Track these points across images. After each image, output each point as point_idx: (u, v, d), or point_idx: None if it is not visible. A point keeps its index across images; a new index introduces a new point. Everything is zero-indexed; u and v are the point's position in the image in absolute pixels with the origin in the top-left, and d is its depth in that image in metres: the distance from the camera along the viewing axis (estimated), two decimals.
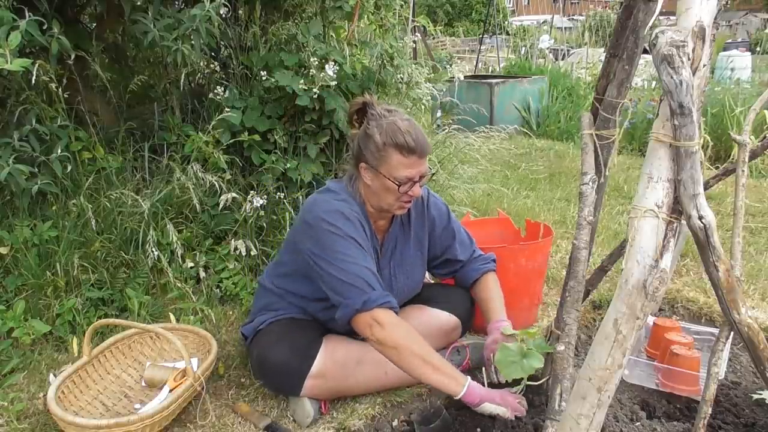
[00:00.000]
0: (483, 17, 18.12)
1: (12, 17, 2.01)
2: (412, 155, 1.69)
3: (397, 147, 1.69)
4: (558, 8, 21.14)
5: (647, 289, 1.07)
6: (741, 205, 1.28)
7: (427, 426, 1.60)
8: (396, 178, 1.71)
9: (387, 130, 1.70)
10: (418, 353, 1.62)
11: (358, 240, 1.72)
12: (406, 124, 1.71)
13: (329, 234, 1.70)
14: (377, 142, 1.70)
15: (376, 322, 1.63)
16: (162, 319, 2.30)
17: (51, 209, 2.38)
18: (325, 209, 1.75)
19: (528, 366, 1.55)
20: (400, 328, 1.65)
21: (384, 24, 3.48)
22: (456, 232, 2.03)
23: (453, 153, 3.67)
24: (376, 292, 1.65)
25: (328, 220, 1.72)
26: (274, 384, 1.88)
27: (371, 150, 1.72)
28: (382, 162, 1.71)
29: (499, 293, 1.99)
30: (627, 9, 1.41)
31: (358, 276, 1.66)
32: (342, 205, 1.77)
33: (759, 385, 1.86)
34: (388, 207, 1.79)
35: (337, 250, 1.69)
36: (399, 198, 1.76)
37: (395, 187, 1.72)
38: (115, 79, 3.02)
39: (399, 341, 1.62)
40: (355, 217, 1.76)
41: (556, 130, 6.50)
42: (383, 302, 1.64)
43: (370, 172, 1.76)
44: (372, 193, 1.79)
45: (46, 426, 1.76)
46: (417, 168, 1.72)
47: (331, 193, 1.83)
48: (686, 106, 1.03)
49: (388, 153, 1.70)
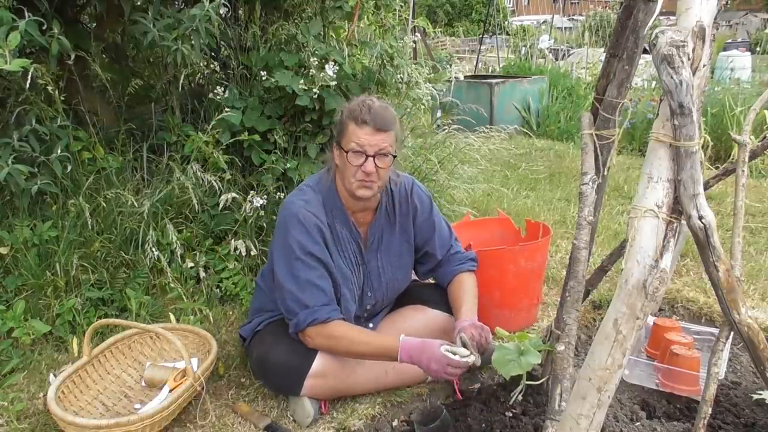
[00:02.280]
0: (483, 17, 18.12)
1: (12, 17, 2.01)
2: (365, 125, 1.73)
3: (353, 118, 1.74)
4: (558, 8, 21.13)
5: (647, 289, 1.07)
6: (741, 205, 1.28)
7: (426, 426, 1.60)
8: (350, 149, 1.74)
9: (349, 106, 1.78)
10: (346, 352, 1.77)
11: (306, 247, 1.76)
12: (369, 101, 1.76)
13: (280, 247, 1.80)
14: (342, 117, 1.79)
15: (307, 336, 1.77)
16: (162, 319, 2.30)
17: (51, 209, 2.38)
18: (285, 213, 1.82)
19: (525, 362, 1.55)
20: (321, 335, 1.75)
21: (384, 24, 3.47)
22: (436, 225, 2.03)
23: (453, 153, 3.67)
24: (305, 311, 1.74)
25: (283, 230, 1.80)
26: (274, 384, 1.88)
27: (337, 127, 1.80)
28: (342, 135, 1.78)
29: (472, 291, 1.98)
30: (627, 9, 1.41)
31: (294, 295, 1.76)
32: (300, 205, 1.80)
33: (759, 385, 1.86)
34: (349, 186, 1.79)
35: (286, 263, 1.78)
36: (354, 173, 1.75)
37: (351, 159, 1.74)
38: (115, 79, 3.01)
39: (325, 346, 1.77)
40: (310, 217, 1.78)
41: (556, 130, 6.49)
42: (310, 321, 1.73)
43: (336, 151, 1.81)
44: (339, 173, 1.83)
45: (46, 426, 1.76)
46: (370, 139, 1.72)
47: (298, 192, 1.88)
48: (686, 106, 1.03)
49: (345, 125, 1.76)
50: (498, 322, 2.23)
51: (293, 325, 1.76)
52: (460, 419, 1.70)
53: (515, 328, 2.32)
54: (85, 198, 2.37)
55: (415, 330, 1.85)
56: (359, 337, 1.77)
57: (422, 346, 1.69)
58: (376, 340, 1.79)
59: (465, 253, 2.07)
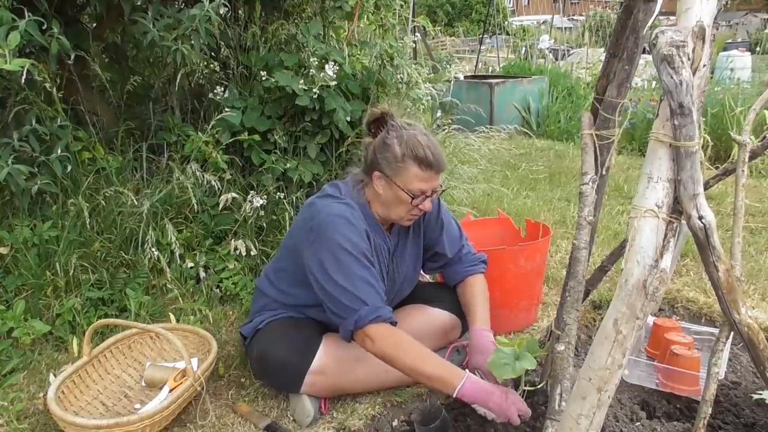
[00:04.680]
0: (483, 17, 18.11)
1: (12, 17, 2.01)
2: (429, 170, 1.72)
3: (416, 160, 1.70)
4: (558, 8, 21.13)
5: (647, 289, 1.07)
6: (741, 205, 1.28)
7: (426, 426, 1.60)
8: (410, 191, 1.72)
9: (407, 142, 1.72)
10: (409, 364, 1.64)
11: (358, 246, 1.71)
12: (425, 139, 1.73)
13: (329, 244, 1.70)
14: (396, 152, 1.72)
15: (368, 338, 1.66)
16: (162, 319, 2.30)
17: (51, 209, 2.38)
18: (328, 214, 1.74)
19: (519, 367, 1.55)
20: (390, 340, 1.66)
21: (384, 24, 3.48)
22: (445, 225, 2.03)
23: (453, 153, 3.67)
24: (367, 308, 1.66)
25: (330, 229, 1.71)
26: (274, 381, 1.88)
27: (388, 159, 1.73)
28: (398, 173, 1.73)
29: (484, 296, 1.99)
30: (627, 9, 1.41)
31: (351, 292, 1.67)
32: (345, 209, 1.76)
33: (759, 385, 1.86)
34: (397, 218, 1.80)
35: (335, 261, 1.69)
36: (409, 210, 1.77)
37: (408, 199, 1.73)
38: (115, 79, 3.01)
39: (388, 354, 1.66)
40: (359, 221, 1.76)
41: (556, 130, 6.49)
42: (374, 318, 1.65)
43: (383, 181, 1.76)
44: (381, 202, 1.80)
45: (46, 426, 1.76)
46: (432, 183, 1.75)
47: (331, 198, 1.81)
48: (686, 106, 1.03)
49: (406, 165, 1.71)
50: (498, 322, 2.24)
51: (351, 323, 1.66)
52: (459, 419, 1.70)
53: (515, 328, 2.32)
54: (85, 198, 2.37)
55: (416, 329, 1.85)
56: (427, 353, 1.67)
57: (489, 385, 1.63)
58: (442, 361, 1.68)
59: (476, 255, 2.08)
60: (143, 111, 2.99)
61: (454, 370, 1.64)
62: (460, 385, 1.60)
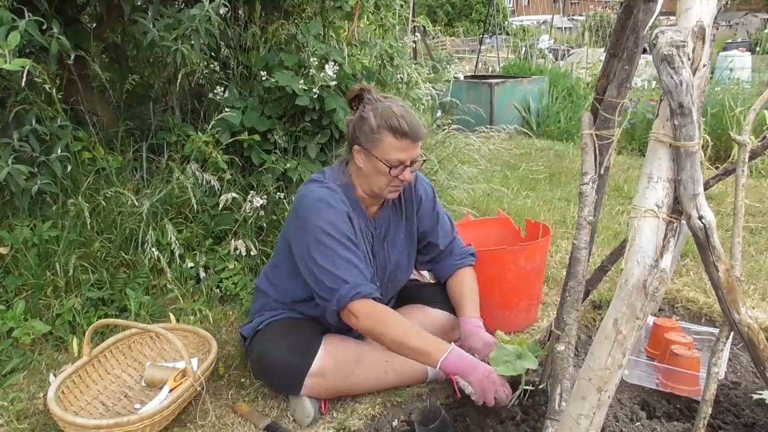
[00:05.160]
0: (483, 17, 18.12)
1: (12, 17, 2.01)
2: (405, 138, 1.73)
3: (391, 129, 1.72)
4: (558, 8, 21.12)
5: (647, 289, 1.07)
6: (741, 205, 1.28)
7: (426, 426, 1.60)
8: (388, 161, 1.74)
9: (381, 113, 1.74)
10: (394, 337, 1.67)
11: (339, 227, 1.74)
12: (400, 109, 1.74)
13: (311, 227, 1.74)
14: (372, 124, 1.74)
15: (352, 315, 1.69)
16: (162, 319, 2.30)
17: (51, 209, 2.38)
18: (311, 199, 1.78)
19: (520, 366, 1.57)
20: (373, 315, 1.69)
21: (384, 24, 3.48)
22: (440, 216, 2.04)
23: (453, 153, 3.67)
24: (347, 286, 1.68)
25: (312, 212, 1.75)
26: (274, 383, 1.88)
27: (365, 132, 1.76)
28: (375, 144, 1.75)
29: (473, 287, 2.01)
30: (627, 9, 1.41)
31: (332, 272, 1.69)
32: (326, 193, 1.79)
33: (759, 385, 1.86)
34: (379, 191, 1.81)
35: (318, 243, 1.72)
36: (390, 181, 1.78)
37: (387, 169, 1.75)
38: (115, 79, 3.01)
39: (372, 328, 1.69)
40: (340, 203, 1.78)
41: (556, 130, 6.49)
42: (354, 294, 1.68)
43: (362, 154, 1.79)
44: (363, 176, 1.82)
45: (46, 426, 1.76)
46: (409, 152, 1.75)
47: (315, 182, 1.85)
48: (686, 106, 1.03)
49: (381, 135, 1.73)
50: (498, 322, 2.24)
51: (334, 303, 1.69)
52: (459, 419, 1.70)
53: (515, 328, 2.32)
54: (85, 198, 2.37)
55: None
56: (411, 326, 1.70)
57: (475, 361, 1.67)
58: (427, 335, 1.71)
59: (465, 248, 2.09)
60: (143, 111, 2.99)
61: (439, 343, 1.68)
62: (444, 357, 1.63)
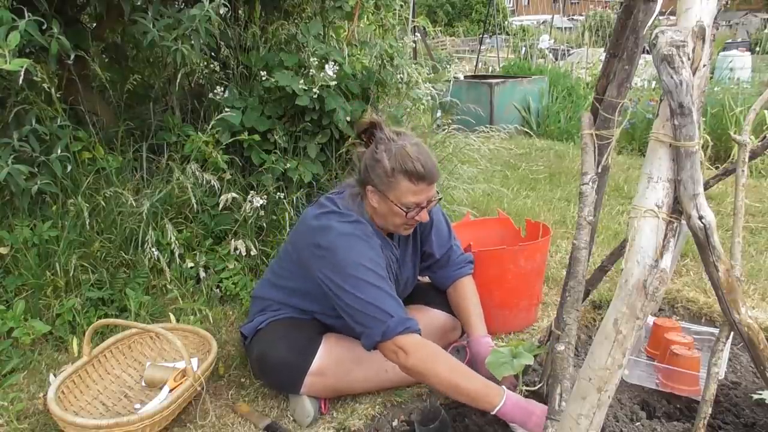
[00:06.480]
0: (483, 17, 18.11)
1: (12, 17, 2.01)
2: (421, 182, 1.69)
3: (406, 174, 1.67)
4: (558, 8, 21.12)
5: (647, 289, 1.07)
6: (741, 205, 1.28)
7: (426, 426, 1.60)
8: (404, 204, 1.71)
9: (396, 156, 1.68)
10: (447, 378, 1.58)
11: (376, 261, 1.70)
12: (415, 150, 1.69)
13: (347, 261, 1.67)
14: (386, 167, 1.68)
15: (400, 349, 1.61)
16: (162, 319, 2.30)
17: (51, 209, 2.38)
18: (339, 233, 1.71)
19: (518, 364, 1.57)
20: (423, 352, 1.61)
21: (384, 24, 3.48)
22: (435, 223, 2.01)
23: (453, 153, 3.67)
24: (394, 320, 1.62)
25: (345, 247, 1.69)
26: (274, 381, 1.88)
27: (379, 174, 1.70)
28: (390, 188, 1.70)
29: (475, 299, 1.99)
30: (627, 9, 1.41)
31: (376, 305, 1.63)
32: (357, 227, 1.74)
33: (759, 385, 1.86)
34: (395, 229, 1.80)
35: (356, 278, 1.65)
36: (405, 222, 1.76)
37: (403, 213, 1.72)
38: (115, 79, 3.02)
39: (423, 367, 1.60)
40: (370, 236, 1.75)
41: (556, 130, 6.49)
42: (403, 329, 1.62)
43: (377, 196, 1.74)
44: (379, 215, 1.79)
45: (46, 426, 1.76)
46: (425, 194, 1.72)
47: (338, 215, 1.77)
48: (686, 106, 1.03)
49: (396, 179, 1.68)
50: (498, 322, 2.25)
51: (378, 333, 1.61)
52: (458, 419, 1.70)
53: (515, 328, 2.32)
54: (85, 198, 2.37)
55: None
56: (461, 368, 1.61)
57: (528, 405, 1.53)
58: (478, 377, 1.59)
59: (463, 256, 2.07)
60: (143, 111, 2.99)
61: (492, 387, 1.56)
62: (501, 404, 1.52)
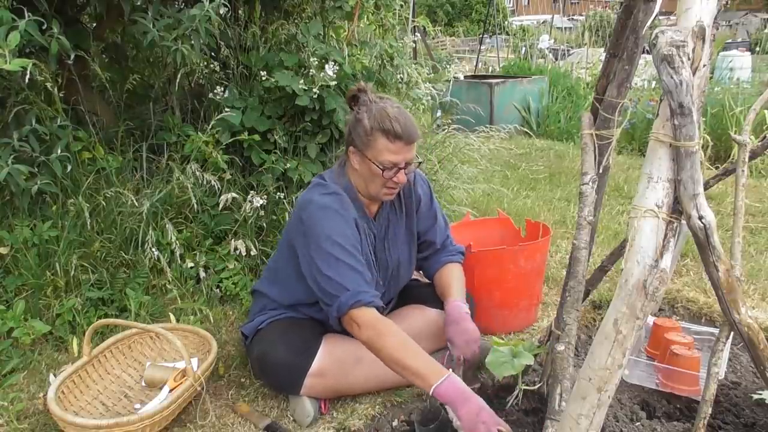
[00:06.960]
0: (483, 17, 18.11)
1: (12, 17, 2.01)
2: (398, 141, 1.72)
3: (384, 132, 1.71)
4: (558, 8, 21.12)
5: (647, 289, 1.07)
6: (741, 205, 1.28)
7: (426, 426, 1.60)
8: (381, 163, 1.73)
9: (375, 115, 1.73)
10: (391, 353, 1.60)
11: (346, 234, 1.73)
12: (395, 111, 1.73)
13: (318, 234, 1.73)
14: (365, 126, 1.73)
15: (354, 322, 1.66)
16: (162, 319, 2.30)
17: (51, 209, 2.38)
18: (316, 206, 1.77)
19: (518, 364, 1.57)
20: (374, 328, 1.64)
21: (384, 24, 3.48)
22: (437, 214, 2.05)
23: (453, 153, 3.67)
24: (348, 293, 1.67)
25: (319, 219, 1.74)
26: (274, 382, 1.88)
27: (359, 134, 1.75)
28: (368, 146, 1.74)
29: (460, 276, 2.01)
30: (627, 9, 1.41)
31: (336, 281, 1.69)
32: (333, 200, 1.78)
33: (759, 385, 1.86)
34: (375, 193, 1.81)
35: (324, 251, 1.71)
36: (384, 183, 1.78)
37: (380, 171, 1.74)
38: (115, 79, 3.02)
39: (371, 341, 1.64)
40: (347, 209, 1.78)
41: (556, 130, 6.49)
42: (354, 302, 1.66)
43: (357, 156, 1.79)
44: (359, 177, 1.82)
45: (46, 426, 1.76)
46: (402, 154, 1.74)
47: (319, 187, 1.84)
48: (686, 106, 1.03)
49: (374, 137, 1.73)
50: (498, 322, 2.25)
51: (335, 310, 1.68)
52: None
53: (515, 328, 2.32)
54: (85, 198, 2.37)
55: (414, 329, 1.85)
56: (412, 345, 1.61)
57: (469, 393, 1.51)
58: (427, 357, 1.60)
59: (456, 246, 2.10)
60: (143, 111, 2.99)
61: (435, 367, 1.56)
62: (439, 383, 1.52)
